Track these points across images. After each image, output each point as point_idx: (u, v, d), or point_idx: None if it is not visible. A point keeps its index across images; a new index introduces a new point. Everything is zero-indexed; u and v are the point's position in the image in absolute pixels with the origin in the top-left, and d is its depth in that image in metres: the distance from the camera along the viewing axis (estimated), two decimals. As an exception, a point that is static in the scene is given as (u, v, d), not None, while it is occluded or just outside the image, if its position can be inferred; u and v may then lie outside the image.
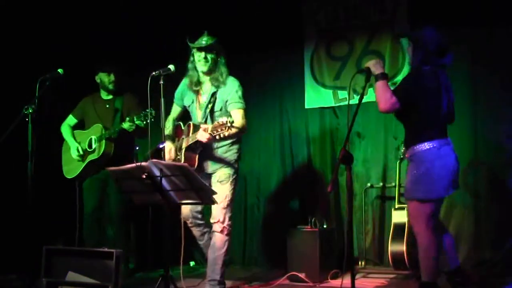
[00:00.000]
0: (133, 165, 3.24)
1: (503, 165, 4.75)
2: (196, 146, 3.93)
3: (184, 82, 4.25)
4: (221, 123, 3.50)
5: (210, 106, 4.01)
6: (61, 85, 4.68)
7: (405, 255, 4.54)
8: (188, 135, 3.98)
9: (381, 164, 5.22)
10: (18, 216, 4.59)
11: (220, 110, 4.02)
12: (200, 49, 3.99)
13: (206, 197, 3.34)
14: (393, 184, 5.00)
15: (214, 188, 3.95)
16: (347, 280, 3.09)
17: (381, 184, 5.17)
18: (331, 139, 5.46)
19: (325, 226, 4.75)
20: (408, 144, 3.55)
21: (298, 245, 4.59)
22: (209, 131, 3.57)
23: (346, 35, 5.39)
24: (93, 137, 4.76)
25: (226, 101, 3.99)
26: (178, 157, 4.04)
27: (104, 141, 4.67)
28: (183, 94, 4.25)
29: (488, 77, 4.81)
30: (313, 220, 4.67)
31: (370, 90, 5.17)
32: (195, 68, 4.08)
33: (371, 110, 5.25)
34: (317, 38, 5.53)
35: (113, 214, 4.90)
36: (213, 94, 4.02)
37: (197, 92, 4.13)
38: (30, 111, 4.09)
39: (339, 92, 5.39)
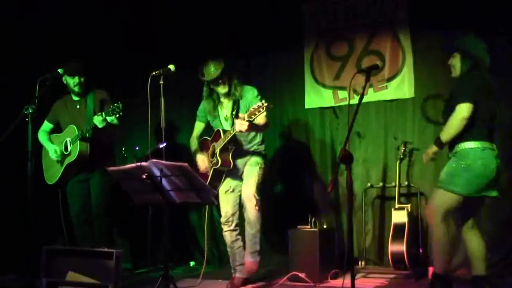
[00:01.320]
0: (133, 165, 3.24)
1: (503, 166, 4.74)
2: (229, 146, 4.20)
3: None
4: (256, 107, 3.77)
5: (234, 113, 4.27)
6: (61, 85, 4.70)
7: (405, 255, 4.54)
8: (217, 140, 4.24)
9: (381, 164, 5.22)
10: (18, 216, 4.59)
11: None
12: (214, 80, 4.25)
13: (206, 197, 3.35)
14: (393, 184, 5.00)
15: (245, 172, 4.31)
16: (347, 280, 3.09)
17: (381, 184, 5.17)
18: (331, 139, 5.47)
19: (325, 226, 4.75)
20: (453, 142, 3.59)
21: (298, 245, 4.59)
22: (246, 118, 3.80)
23: (346, 35, 5.40)
24: (68, 139, 4.68)
25: (249, 105, 4.20)
26: (214, 161, 4.25)
27: (78, 142, 4.59)
28: (207, 111, 4.48)
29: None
30: (313, 220, 4.67)
31: (370, 90, 5.21)
32: (211, 90, 4.37)
33: (371, 110, 5.26)
34: (317, 38, 5.53)
35: (98, 212, 4.79)
36: (235, 103, 4.31)
37: (218, 109, 4.41)
38: (30, 111, 4.07)
39: (339, 92, 5.40)
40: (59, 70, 4.33)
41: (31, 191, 4.00)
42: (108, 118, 4.42)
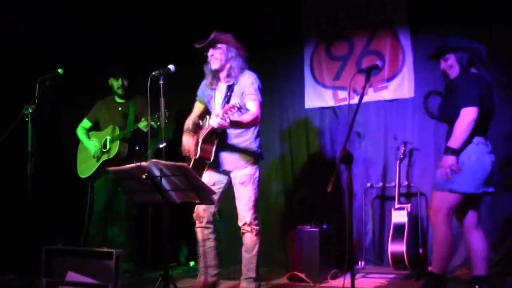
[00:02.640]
0: (133, 165, 3.23)
1: (503, 165, 4.75)
2: (211, 138, 3.89)
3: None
4: (230, 105, 3.51)
5: (226, 99, 3.96)
6: (61, 85, 4.69)
7: (404, 255, 4.54)
8: (204, 128, 3.98)
9: (381, 164, 5.22)
10: (18, 216, 4.58)
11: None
12: (206, 47, 3.94)
13: (205, 197, 3.34)
14: (393, 184, 5.00)
15: (236, 190, 4.00)
16: (347, 280, 3.09)
17: (381, 184, 5.17)
18: (331, 139, 5.47)
19: (325, 226, 4.76)
20: (448, 139, 3.59)
21: (298, 245, 4.59)
22: (220, 116, 3.56)
23: (346, 34, 5.40)
24: (108, 138, 4.87)
25: (242, 94, 3.93)
26: (195, 151, 3.96)
27: (118, 141, 4.78)
28: (204, 91, 4.19)
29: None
30: (313, 220, 4.68)
31: (370, 90, 5.21)
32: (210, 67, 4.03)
33: (371, 110, 5.26)
34: (317, 38, 5.53)
35: (122, 214, 5.01)
36: (229, 88, 3.97)
37: (214, 90, 4.09)
38: (30, 111, 4.09)
39: (339, 92, 5.40)
40: (59, 70, 4.34)
41: (31, 191, 4.01)
42: (152, 123, 4.52)
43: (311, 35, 5.55)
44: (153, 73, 3.78)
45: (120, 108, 5.01)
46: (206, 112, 4.20)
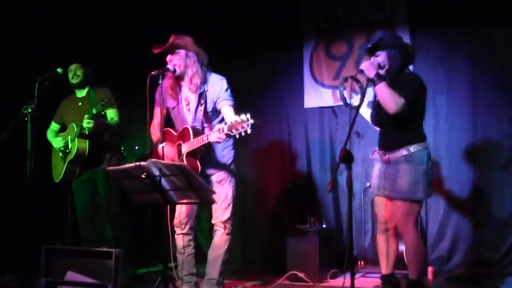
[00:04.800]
0: (132, 164, 3.23)
1: (502, 165, 4.75)
2: (199, 151, 3.68)
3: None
4: (239, 121, 3.19)
5: (201, 107, 3.77)
6: (60, 85, 4.69)
7: (404, 254, 4.54)
8: (186, 140, 3.71)
9: (380, 163, 5.21)
10: (17, 216, 4.59)
11: (212, 110, 3.82)
12: (165, 53, 3.78)
13: (205, 197, 3.34)
14: (393, 183, 4.99)
15: (214, 189, 3.80)
16: (347, 279, 3.09)
17: (380, 183, 5.16)
18: (330, 138, 5.47)
19: (325, 226, 4.75)
20: (399, 145, 3.52)
21: (298, 245, 4.59)
22: (225, 131, 3.28)
23: (345, 34, 5.40)
24: (69, 137, 4.70)
25: (215, 99, 3.76)
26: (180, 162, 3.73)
27: (76, 139, 4.59)
28: (163, 96, 3.83)
29: (488, 77, 4.82)
30: (313, 220, 4.67)
31: (370, 89, 5.20)
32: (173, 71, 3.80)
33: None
34: (317, 38, 5.53)
35: (110, 212, 4.85)
36: (201, 95, 3.78)
37: (178, 97, 3.86)
38: (29, 110, 4.07)
39: (338, 91, 5.39)
40: (58, 70, 4.33)
41: (31, 191, 4.00)
42: (109, 114, 4.49)
43: (310, 35, 5.55)
44: (152, 72, 3.73)
45: (80, 103, 4.81)
46: (169, 117, 3.97)
